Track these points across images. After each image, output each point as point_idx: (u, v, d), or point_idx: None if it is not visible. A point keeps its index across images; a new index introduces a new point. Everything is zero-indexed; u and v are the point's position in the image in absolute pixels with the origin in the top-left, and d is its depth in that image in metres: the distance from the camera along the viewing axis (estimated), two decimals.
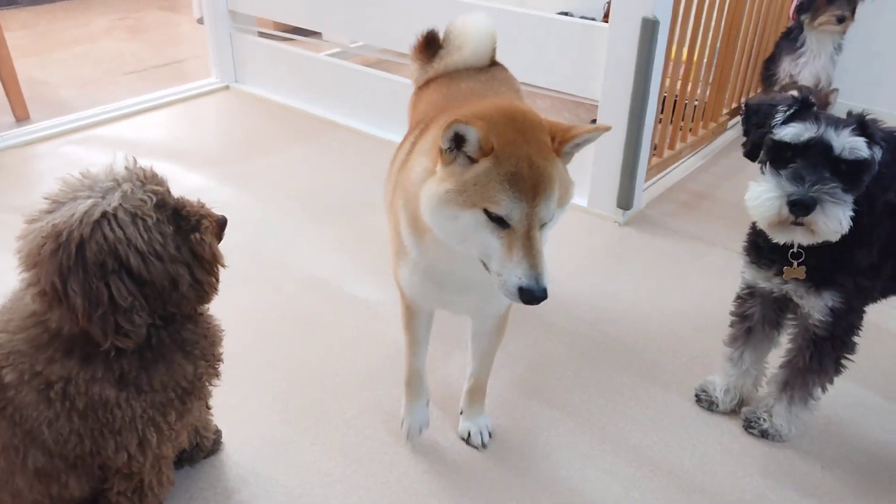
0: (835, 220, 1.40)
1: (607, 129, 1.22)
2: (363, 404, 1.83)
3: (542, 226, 1.17)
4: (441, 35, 1.91)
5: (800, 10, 3.13)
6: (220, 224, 1.33)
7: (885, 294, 1.67)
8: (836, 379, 1.67)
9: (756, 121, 1.52)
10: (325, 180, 2.97)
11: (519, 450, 1.71)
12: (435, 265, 1.37)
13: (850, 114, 1.45)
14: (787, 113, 1.46)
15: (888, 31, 3.48)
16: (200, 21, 4.83)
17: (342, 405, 1.82)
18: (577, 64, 2.61)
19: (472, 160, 1.16)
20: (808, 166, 1.41)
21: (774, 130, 1.46)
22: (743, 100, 3.54)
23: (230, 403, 1.79)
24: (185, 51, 4.60)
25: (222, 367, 1.42)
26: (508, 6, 2.86)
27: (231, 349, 1.48)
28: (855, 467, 1.69)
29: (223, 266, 1.31)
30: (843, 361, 1.64)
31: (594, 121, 2.63)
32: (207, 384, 1.39)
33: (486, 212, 1.14)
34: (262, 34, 3.88)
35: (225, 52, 3.83)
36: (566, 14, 3.99)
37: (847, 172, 1.41)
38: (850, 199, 1.42)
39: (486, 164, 1.14)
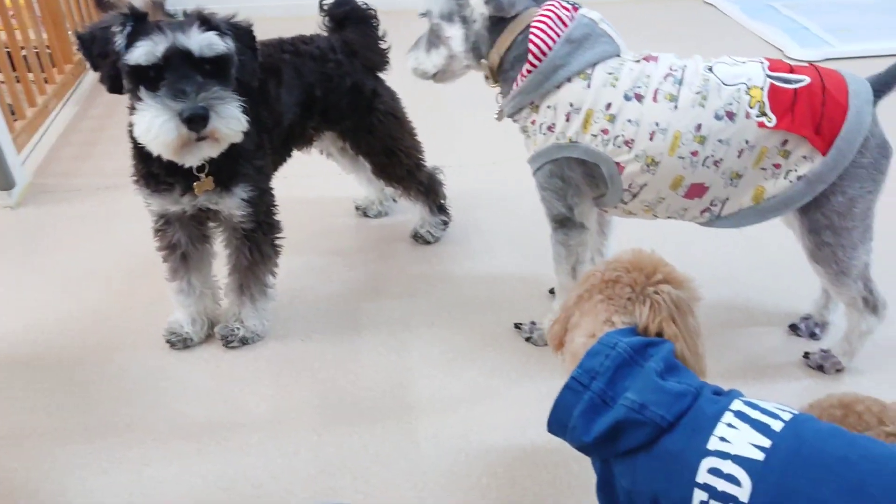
0: (233, 119, 1.40)
1: None
2: None
3: None
4: None
5: None
6: None
7: (276, 166, 1.76)
8: (279, 260, 1.74)
9: (98, 51, 1.39)
10: None
11: None
12: None
13: (185, 13, 1.42)
14: (126, 32, 1.36)
15: None
16: None
17: None
18: None
19: None
20: (181, 78, 1.35)
21: (126, 57, 1.35)
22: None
23: None
24: None
25: None
26: None
27: None
28: (336, 330, 1.81)
29: None
30: (277, 242, 1.72)
31: None
32: None
33: None
34: None
35: None
36: None
37: (214, 72, 1.40)
38: (233, 94, 1.41)
39: None
